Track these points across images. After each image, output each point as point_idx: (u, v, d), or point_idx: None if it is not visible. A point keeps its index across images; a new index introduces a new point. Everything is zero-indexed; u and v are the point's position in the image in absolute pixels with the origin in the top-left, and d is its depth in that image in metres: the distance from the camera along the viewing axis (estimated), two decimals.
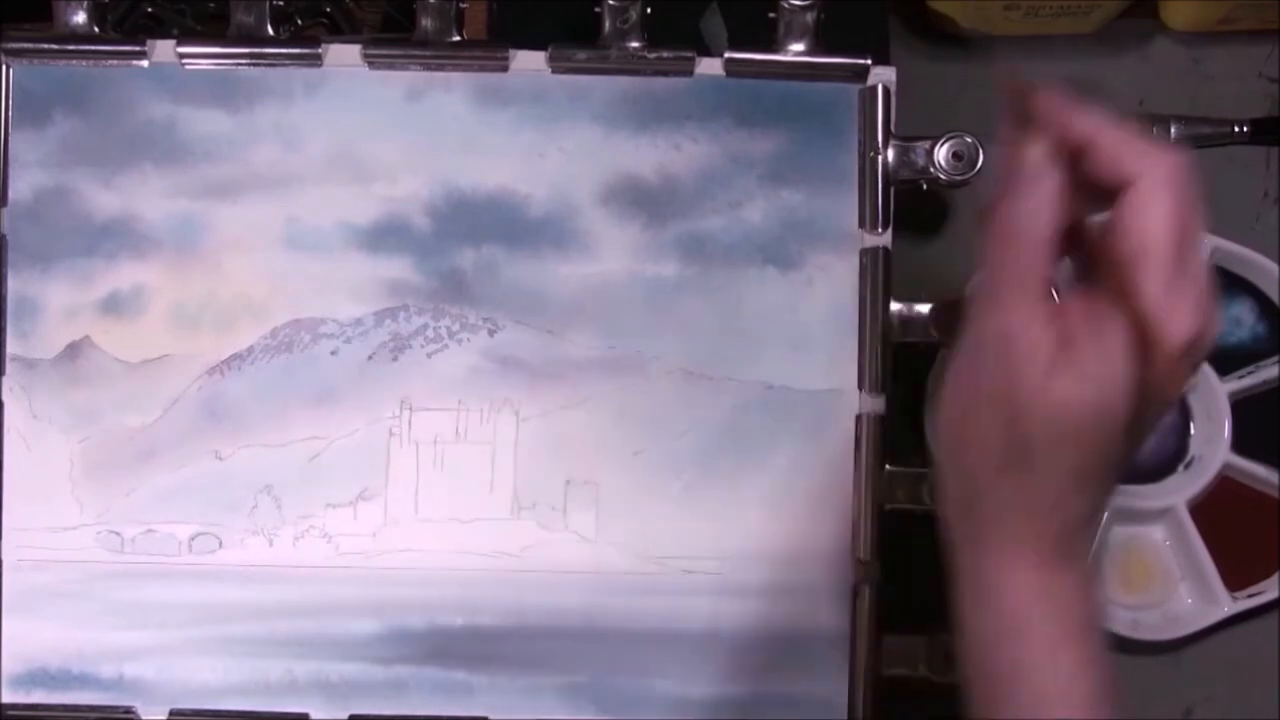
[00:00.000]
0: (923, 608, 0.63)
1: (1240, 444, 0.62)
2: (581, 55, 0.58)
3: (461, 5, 0.58)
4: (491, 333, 0.58)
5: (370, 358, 0.58)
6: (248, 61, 0.58)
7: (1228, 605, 0.61)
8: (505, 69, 0.58)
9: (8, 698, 0.56)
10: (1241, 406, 0.62)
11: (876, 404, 0.58)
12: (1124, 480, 0.62)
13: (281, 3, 0.60)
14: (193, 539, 0.57)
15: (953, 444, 0.42)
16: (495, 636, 0.57)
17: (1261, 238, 0.65)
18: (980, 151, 0.58)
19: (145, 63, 0.58)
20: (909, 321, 0.58)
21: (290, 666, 0.57)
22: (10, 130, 0.57)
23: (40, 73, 0.58)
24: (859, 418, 0.58)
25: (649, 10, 0.58)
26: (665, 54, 0.58)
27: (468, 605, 0.57)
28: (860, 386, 0.58)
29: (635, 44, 0.58)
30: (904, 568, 0.63)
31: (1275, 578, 0.62)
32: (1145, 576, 0.63)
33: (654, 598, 0.57)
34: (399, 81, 0.58)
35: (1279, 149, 0.66)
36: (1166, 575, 0.63)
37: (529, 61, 0.58)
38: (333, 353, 0.58)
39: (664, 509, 0.57)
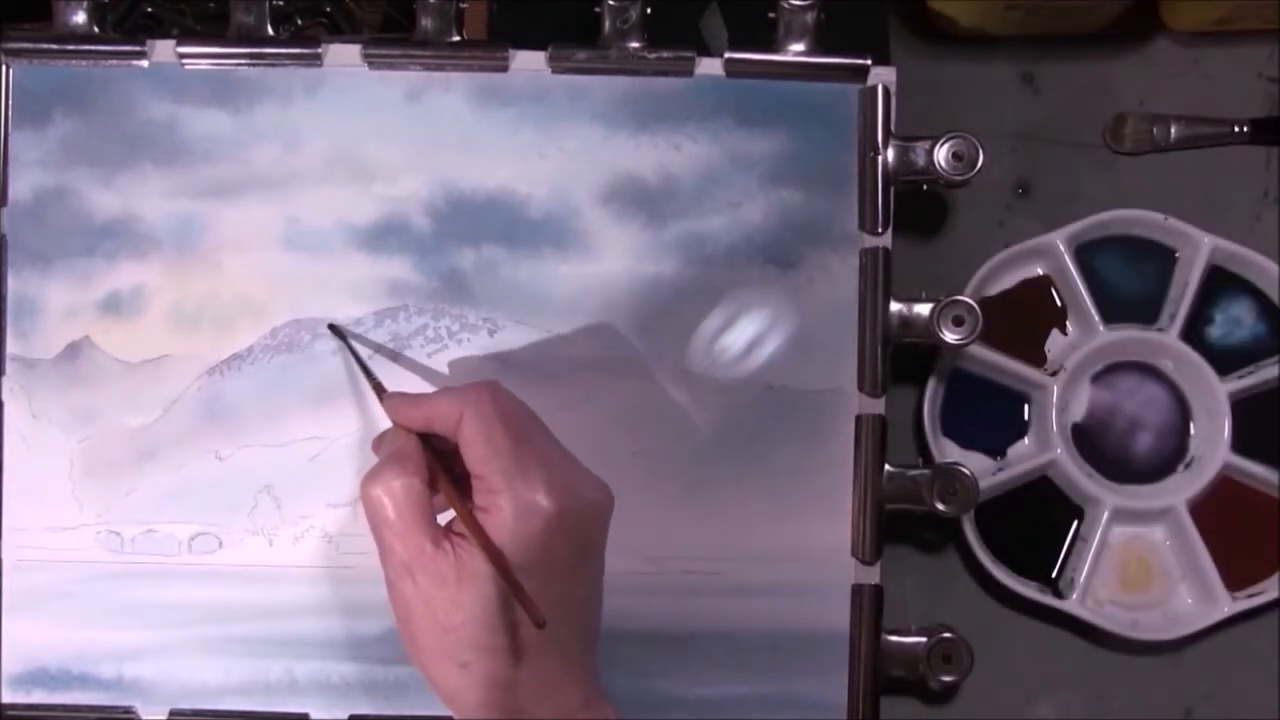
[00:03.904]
0: (922, 608, 0.63)
1: (1240, 444, 0.62)
2: (581, 55, 0.58)
3: (461, 5, 0.58)
4: (491, 333, 0.58)
5: (370, 358, 0.58)
6: (248, 61, 0.58)
7: (1228, 605, 0.61)
8: (505, 69, 0.58)
9: (8, 698, 0.57)
10: (1241, 406, 0.62)
11: (876, 404, 0.58)
12: (1124, 480, 0.63)
13: (281, 3, 0.60)
14: (193, 539, 0.57)
15: None
16: None
17: (1261, 238, 0.65)
18: (980, 151, 0.58)
19: (145, 63, 0.58)
20: (909, 321, 0.58)
21: (290, 666, 0.57)
22: (10, 130, 0.57)
23: (40, 73, 0.58)
24: (859, 418, 0.58)
25: (649, 10, 0.58)
26: (665, 54, 0.58)
27: None
28: (860, 387, 0.58)
29: (635, 44, 0.58)
30: (904, 568, 0.63)
31: (1275, 578, 0.62)
32: (1145, 576, 0.63)
33: (654, 598, 0.57)
34: (399, 81, 0.58)
35: (1279, 149, 0.66)
36: (1166, 575, 0.63)
37: (529, 61, 0.58)
38: (333, 353, 0.58)
39: (664, 509, 0.57)
